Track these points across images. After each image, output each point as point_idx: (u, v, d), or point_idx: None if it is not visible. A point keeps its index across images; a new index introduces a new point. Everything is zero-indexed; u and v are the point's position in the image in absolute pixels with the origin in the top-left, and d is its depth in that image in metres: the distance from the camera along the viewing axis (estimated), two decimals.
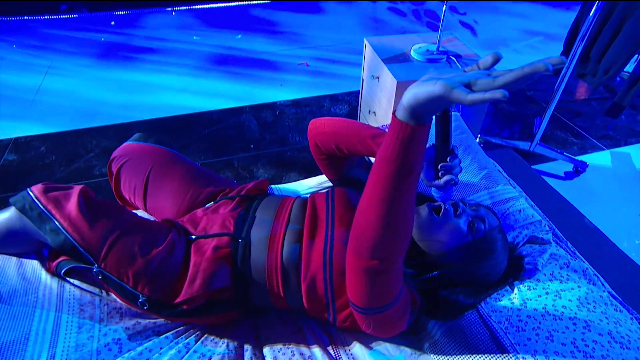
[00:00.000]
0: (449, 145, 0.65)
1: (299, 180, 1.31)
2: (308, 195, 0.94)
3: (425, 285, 0.76)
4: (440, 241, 0.75)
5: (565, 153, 1.99)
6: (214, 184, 0.96)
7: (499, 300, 0.79)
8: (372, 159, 0.90)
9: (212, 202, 0.90)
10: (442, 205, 0.77)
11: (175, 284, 0.75)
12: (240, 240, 0.77)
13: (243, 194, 0.91)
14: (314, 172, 1.33)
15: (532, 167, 1.82)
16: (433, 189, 0.73)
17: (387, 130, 0.53)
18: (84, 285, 0.81)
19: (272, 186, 1.20)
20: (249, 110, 2.37)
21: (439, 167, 0.66)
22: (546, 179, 1.77)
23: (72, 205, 0.73)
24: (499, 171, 1.19)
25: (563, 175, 1.93)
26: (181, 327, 0.81)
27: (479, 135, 2.07)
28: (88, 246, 0.72)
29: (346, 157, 0.88)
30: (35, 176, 1.87)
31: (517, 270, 0.83)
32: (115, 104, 2.39)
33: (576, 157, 1.99)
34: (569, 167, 1.97)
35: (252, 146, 2.10)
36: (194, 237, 0.80)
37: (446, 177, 0.66)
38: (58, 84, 2.58)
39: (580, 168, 1.96)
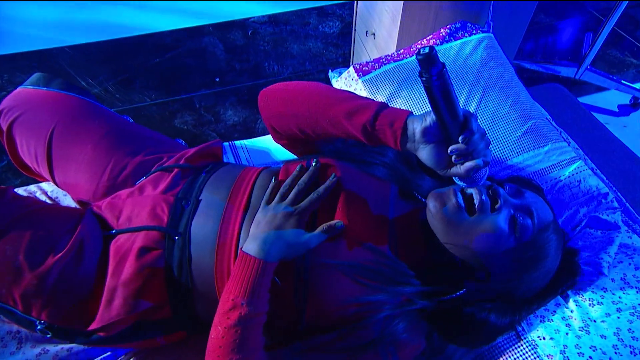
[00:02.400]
0: (457, 116, 0.54)
1: None
2: (281, 165, 0.83)
3: (443, 305, 0.68)
4: (469, 248, 0.65)
5: (622, 81, 1.80)
6: (148, 149, 0.86)
7: (548, 319, 0.69)
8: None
9: (144, 178, 0.81)
10: (476, 195, 0.64)
11: (85, 306, 0.69)
12: (176, 238, 0.70)
13: (183, 164, 0.82)
14: None
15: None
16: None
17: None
18: None
19: (237, 143, 1.12)
20: (213, 30, 2.20)
21: (450, 151, 0.58)
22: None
23: None
24: (548, 120, 1.02)
25: (617, 110, 1.77)
26: (110, 353, 0.77)
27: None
28: None
29: (316, 140, 0.81)
30: None
31: (571, 272, 0.74)
32: (31, 22, 2.17)
33: (635, 85, 1.80)
34: (625, 98, 1.79)
35: (217, 79, 1.99)
36: (114, 231, 0.73)
37: (467, 164, 0.58)
38: None
39: None
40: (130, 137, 0.86)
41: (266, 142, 1.13)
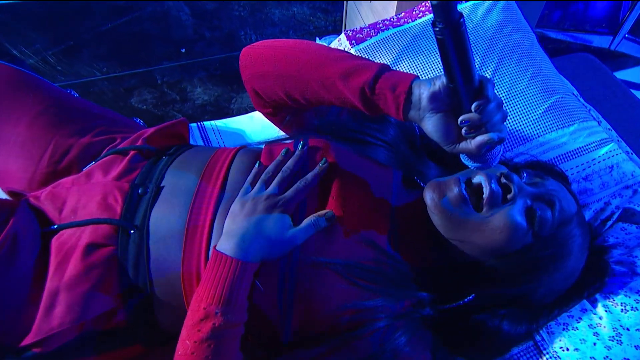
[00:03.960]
0: (471, 80, 0.54)
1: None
2: (262, 146, 0.84)
3: (449, 313, 0.70)
4: (477, 246, 0.66)
5: None
6: (98, 129, 0.87)
7: (573, 328, 0.71)
8: None
9: (93, 162, 0.82)
10: (485, 184, 0.65)
11: (18, 315, 0.67)
12: (132, 231, 0.70)
13: (140, 145, 0.83)
14: None
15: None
16: (462, 155, 0.64)
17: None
18: None
19: (206, 124, 1.13)
20: None
21: (461, 121, 0.58)
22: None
23: None
24: (575, 95, 1.05)
25: None
26: None
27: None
28: None
29: (306, 108, 0.82)
30: None
31: (599, 273, 0.77)
32: None
33: None
34: None
35: (183, 50, 1.98)
36: (55, 227, 0.72)
37: (480, 138, 0.58)
38: None
39: None
40: (75, 114, 0.86)
41: (242, 122, 1.14)
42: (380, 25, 1.10)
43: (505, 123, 0.65)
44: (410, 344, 0.65)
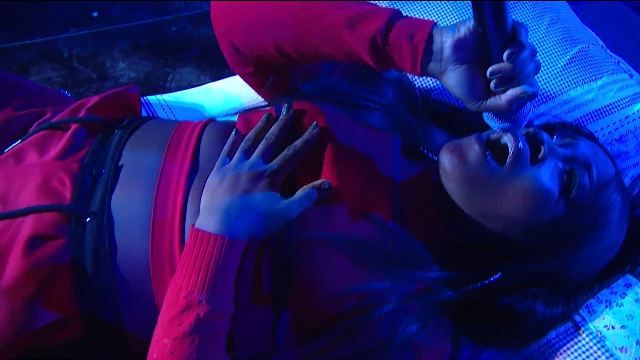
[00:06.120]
0: (504, 24, 0.60)
1: (204, 83, 1.29)
2: (235, 117, 0.90)
3: (471, 296, 0.76)
4: (504, 218, 0.73)
5: None
6: (18, 101, 0.91)
7: (617, 304, 0.80)
8: None
9: (19, 141, 0.85)
10: (509, 142, 0.71)
11: None
12: (88, 220, 0.73)
13: (85, 117, 0.86)
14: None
15: None
16: (485, 113, 0.71)
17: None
18: None
19: (151, 99, 1.18)
20: None
21: (491, 72, 0.64)
22: None
23: None
24: (601, 46, 1.14)
25: None
26: None
27: None
28: None
29: (297, 65, 0.88)
30: None
31: None
32: None
33: None
34: None
35: (95, 14, 2.01)
36: None
37: (512, 92, 0.64)
38: None
39: None
40: None
41: (198, 96, 1.18)
42: None
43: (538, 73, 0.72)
44: (426, 332, 0.71)
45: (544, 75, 1.03)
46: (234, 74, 1.16)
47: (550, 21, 1.08)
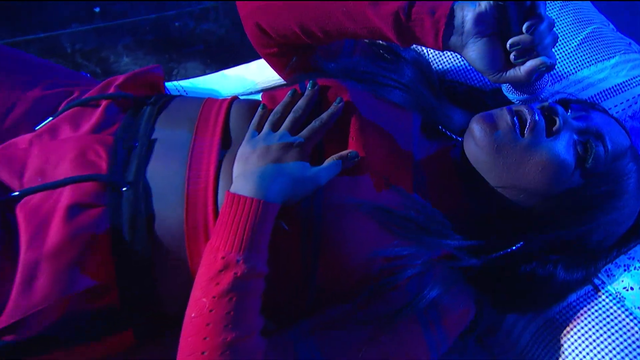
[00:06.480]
0: None
1: (208, 73, 1.31)
2: (258, 96, 0.95)
3: (495, 263, 0.81)
4: (525, 187, 0.78)
5: None
6: (47, 81, 0.94)
7: (634, 267, 0.86)
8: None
9: (51, 118, 0.89)
10: (528, 114, 0.77)
11: None
12: (124, 188, 0.77)
13: (115, 93, 0.91)
14: (234, 58, 1.38)
15: None
16: (504, 85, 0.78)
17: None
18: None
19: (168, 85, 1.21)
20: None
21: (511, 44, 0.70)
22: None
23: None
24: (613, 29, 1.21)
25: None
26: None
27: None
28: None
29: (322, 43, 0.92)
30: None
31: None
32: None
33: None
34: None
35: (97, 9, 2.05)
36: (17, 193, 0.77)
37: (531, 63, 0.70)
38: None
39: None
40: (14, 64, 0.93)
41: (215, 81, 1.22)
42: None
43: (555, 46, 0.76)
44: (451, 294, 0.76)
45: (558, 54, 1.08)
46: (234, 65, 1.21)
47: (563, 3, 1.14)
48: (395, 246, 0.73)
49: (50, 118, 0.87)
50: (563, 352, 0.82)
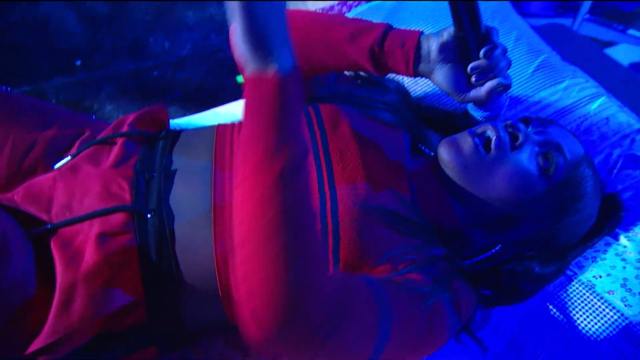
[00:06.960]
0: (479, 28, 0.75)
1: (184, 115, 1.35)
2: None
3: (479, 265, 0.88)
4: (497, 197, 0.85)
5: (629, 31, 2.17)
6: (60, 122, 0.98)
7: (600, 259, 0.96)
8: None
9: (69, 157, 0.92)
10: (492, 132, 0.83)
11: (22, 321, 0.74)
12: (149, 215, 0.81)
13: (130, 131, 0.95)
14: (213, 102, 1.40)
15: None
16: (469, 105, 0.86)
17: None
18: None
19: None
20: None
21: (471, 68, 0.79)
22: None
23: None
24: (559, 58, 1.34)
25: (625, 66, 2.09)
26: None
27: None
28: None
29: (306, 77, 0.97)
30: None
31: (615, 209, 0.99)
32: None
33: None
34: (637, 53, 2.16)
35: (78, 62, 2.09)
36: (49, 226, 0.80)
37: (490, 84, 0.80)
38: None
39: None
40: (29, 107, 0.96)
41: (209, 119, 1.27)
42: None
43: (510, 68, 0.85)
44: (458, 282, 0.80)
45: (516, 80, 1.20)
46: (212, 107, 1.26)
47: (517, 36, 1.27)
48: (403, 243, 0.78)
49: (69, 157, 0.91)
50: (548, 336, 0.89)
